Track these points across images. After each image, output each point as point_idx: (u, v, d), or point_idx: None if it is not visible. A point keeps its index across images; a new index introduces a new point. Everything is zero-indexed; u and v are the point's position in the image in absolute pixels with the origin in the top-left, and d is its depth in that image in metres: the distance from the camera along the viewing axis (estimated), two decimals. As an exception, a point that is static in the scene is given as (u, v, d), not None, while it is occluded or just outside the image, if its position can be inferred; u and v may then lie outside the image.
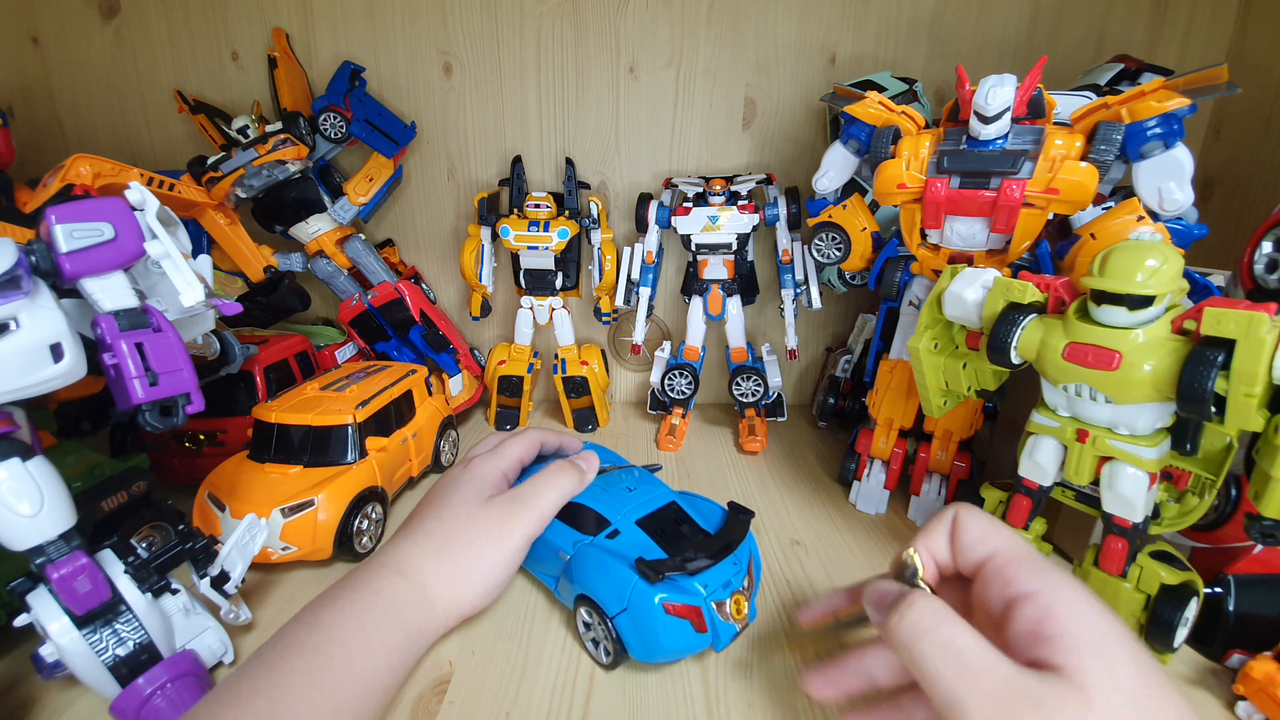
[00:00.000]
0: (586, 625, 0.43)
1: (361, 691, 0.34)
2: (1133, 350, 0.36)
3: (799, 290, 0.74)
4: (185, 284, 0.40)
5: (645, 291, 0.76)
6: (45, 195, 0.52)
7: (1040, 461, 0.43)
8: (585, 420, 0.82)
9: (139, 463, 0.51)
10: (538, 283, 0.79)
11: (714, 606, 0.40)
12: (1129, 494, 0.39)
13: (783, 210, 0.73)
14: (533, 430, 0.52)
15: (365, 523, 0.54)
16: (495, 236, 0.78)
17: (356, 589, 0.38)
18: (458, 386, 0.81)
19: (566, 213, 0.78)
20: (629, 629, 0.40)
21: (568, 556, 0.45)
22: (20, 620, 0.36)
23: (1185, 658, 0.43)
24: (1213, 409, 0.34)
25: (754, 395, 0.76)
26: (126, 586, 0.38)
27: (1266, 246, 0.43)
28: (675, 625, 0.39)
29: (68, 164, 0.53)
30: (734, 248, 0.73)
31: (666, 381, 0.77)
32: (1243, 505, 0.42)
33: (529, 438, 0.51)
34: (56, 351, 0.34)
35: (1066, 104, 0.50)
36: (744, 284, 0.77)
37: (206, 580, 0.42)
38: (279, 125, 0.73)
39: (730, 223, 0.72)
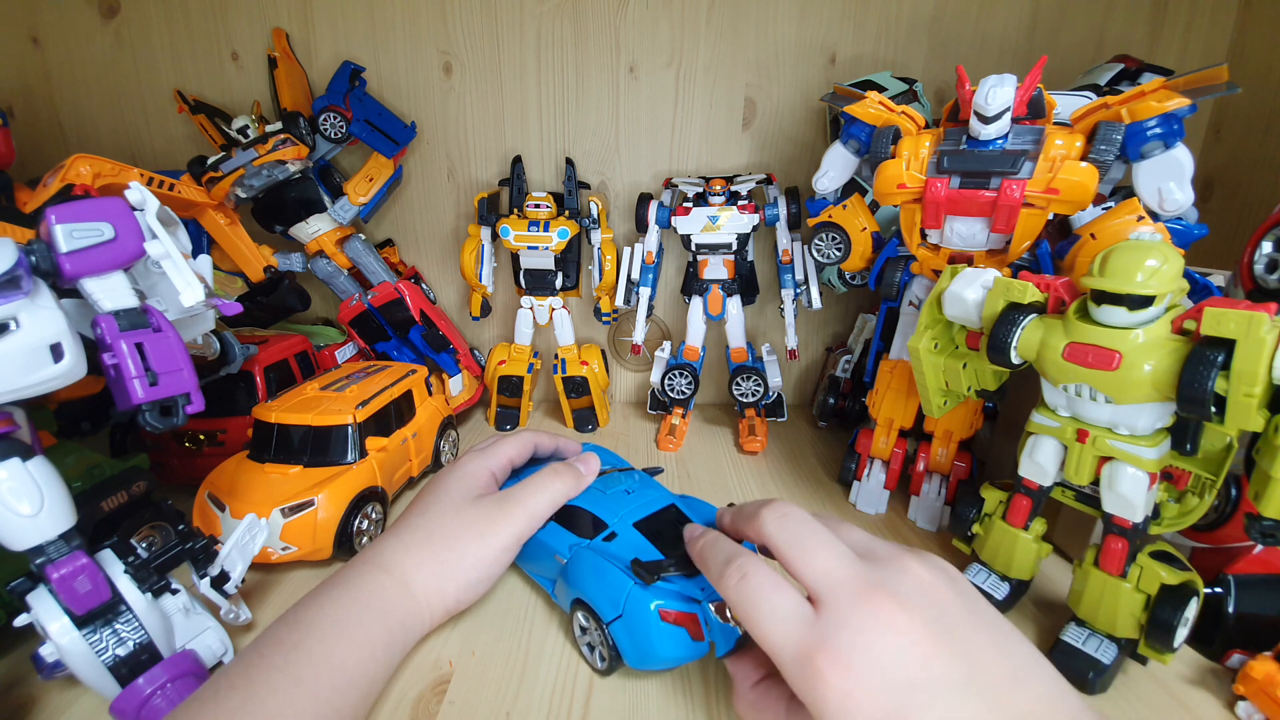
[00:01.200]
0: (583, 630, 0.43)
1: (342, 683, 0.34)
2: (1133, 350, 0.36)
3: (799, 290, 0.74)
4: (185, 284, 0.40)
5: (645, 291, 0.76)
6: (45, 195, 0.52)
7: (1040, 461, 0.43)
8: (585, 420, 0.82)
9: (139, 463, 0.51)
10: (538, 283, 0.79)
11: (712, 609, 0.39)
12: (1129, 494, 0.39)
13: (783, 210, 0.73)
14: (528, 432, 0.52)
15: (365, 523, 0.54)
16: (495, 236, 0.78)
17: (338, 585, 0.39)
18: (458, 386, 0.81)
19: (566, 213, 0.78)
20: (624, 636, 0.39)
21: (564, 559, 0.45)
22: (20, 620, 0.36)
23: (1185, 658, 0.43)
24: (1213, 409, 0.34)
25: (754, 395, 0.76)
26: (126, 586, 0.38)
27: (1266, 246, 0.43)
28: (671, 633, 0.38)
29: (68, 164, 0.53)
30: (734, 248, 0.73)
31: (666, 381, 0.77)
32: (1243, 505, 0.42)
33: (523, 439, 0.51)
34: (56, 351, 0.34)
35: (1066, 104, 0.50)
36: (744, 284, 0.77)
37: (206, 580, 0.42)
38: (279, 125, 0.73)
39: (730, 223, 0.72)
